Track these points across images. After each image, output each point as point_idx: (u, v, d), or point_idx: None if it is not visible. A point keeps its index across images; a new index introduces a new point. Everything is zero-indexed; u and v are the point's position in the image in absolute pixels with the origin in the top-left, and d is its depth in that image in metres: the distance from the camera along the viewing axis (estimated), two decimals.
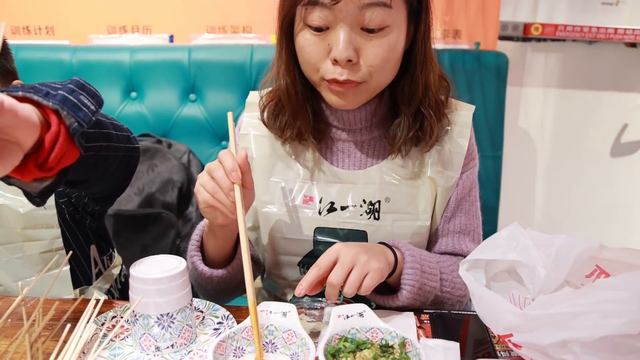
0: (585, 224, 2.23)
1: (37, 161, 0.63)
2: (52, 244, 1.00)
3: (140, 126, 1.71)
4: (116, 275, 1.19)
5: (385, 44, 0.84)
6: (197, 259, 0.94)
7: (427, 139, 0.94)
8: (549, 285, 0.74)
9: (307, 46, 0.87)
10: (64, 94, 0.66)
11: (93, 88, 0.72)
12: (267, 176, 1.00)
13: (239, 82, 1.70)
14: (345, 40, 0.82)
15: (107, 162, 0.86)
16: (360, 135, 0.99)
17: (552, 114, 2.13)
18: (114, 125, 0.88)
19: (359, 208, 0.96)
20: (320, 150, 0.99)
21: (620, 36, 1.93)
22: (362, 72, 0.85)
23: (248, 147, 1.01)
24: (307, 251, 0.99)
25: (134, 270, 0.75)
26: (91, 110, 0.69)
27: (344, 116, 0.97)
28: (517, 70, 2.05)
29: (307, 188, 0.98)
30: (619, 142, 2.14)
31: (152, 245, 1.54)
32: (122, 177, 1.01)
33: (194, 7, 1.91)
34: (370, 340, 0.74)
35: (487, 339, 0.80)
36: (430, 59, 0.92)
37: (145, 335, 0.75)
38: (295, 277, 1.02)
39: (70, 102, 0.66)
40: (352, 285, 0.79)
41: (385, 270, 0.83)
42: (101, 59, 1.72)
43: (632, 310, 0.59)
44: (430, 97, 0.93)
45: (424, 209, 0.97)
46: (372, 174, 0.97)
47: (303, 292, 0.80)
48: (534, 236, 0.79)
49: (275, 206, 0.99)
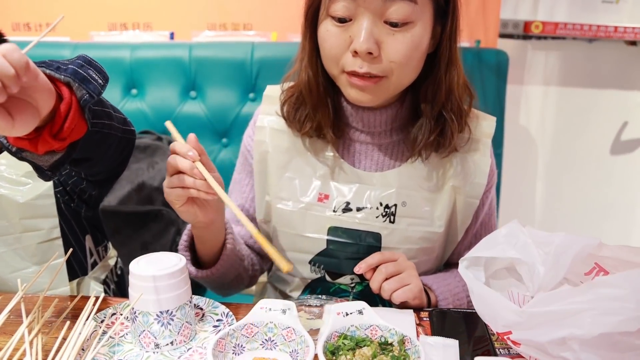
0: (585, 221, 2.24)
1: (52, 131, 0.68)
2: (49, 233, 1.01)
3: (140, 123, 1.71)
4: (112, 266, 1.19)
5: (409, 39, 0.84)
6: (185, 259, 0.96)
7: (447, 144, 0.94)
8: (548, 283, 0.74)
9: (329, 37, 0.86)
10: (74, 67, 0.70)
11: (99, 64, 0.76)
12: (282, 172, 0.99)
13: (239, 80, 1.70)
14: (367, 32, 0.82)
15: (108, 140, 0.89)
16: (379, 138, 0.98)
17: (552, 112, 2.13)
18: (112, 106, 0.90)
19: (375, 210, 0.96)
20: (338, 150, 0.99)
21: (620, 34, 1.93)
22: (383, 67, 0.85)
23: (264, 140, 1.00)
24: (319, 250, 0.98)
25: (134, 267, 0.75)
26: (99, 83, 0.72)
27: (364, 117, 0.96)
28: (517, 68, 2.05)
29: (323, 186, 0.97)
30: (619, 139, 2.14)
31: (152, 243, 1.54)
32: (120, 159, 1.04)
33: (195, 4, 1.91)
34: (369, 338, 0.74)
35: (486, 336, 0.80)
36: (455, 62, 0.91)
37: (145, 333, 0.75)
38: (305, 275, 1.01)
39: (80, 75, 0.70)
40: (390, 284, 0.87)
41: (418, 297, 0.89)
42: (102, 56, 1.72)
43: (631, 307, 0.59)
44: (453, 101, 0.92)
45: (439, 216, 0.97)
46: (390, 177, 0.97)
47: (362, 271, 0.89)
48: (533, 234, 0.79)
49: (289, 202, 0.98)
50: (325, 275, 1.00)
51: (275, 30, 1.92)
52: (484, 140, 0.98)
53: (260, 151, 1.01)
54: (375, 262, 0.89)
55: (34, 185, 0.96)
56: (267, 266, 1.11)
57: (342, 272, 0.98)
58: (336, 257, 0.97)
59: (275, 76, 1.69)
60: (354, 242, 0.96)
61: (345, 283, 1.00)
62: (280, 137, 1.00)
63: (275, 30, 1.92)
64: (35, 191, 0.96)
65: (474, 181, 0.97)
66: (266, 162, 1.00)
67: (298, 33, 0.94)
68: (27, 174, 0.96)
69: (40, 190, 0.96)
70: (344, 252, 0.96)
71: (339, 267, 0.97)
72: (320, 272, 1.00)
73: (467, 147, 0.97)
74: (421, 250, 0.98)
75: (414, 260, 0.97)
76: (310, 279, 1.02)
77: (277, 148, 1.00)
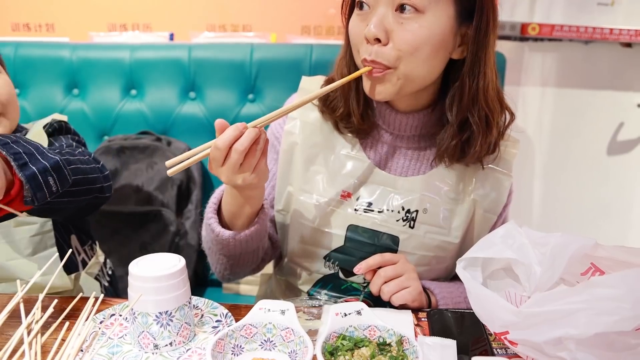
0: (582, 221, 2.25)
1: (4, 200, 0.77)
2: (42, 227, 1.02)
3: (140, 124, 1.71)
4: (101, 263, 1.21)
5: (417, 29, 0.83)
6: (214, 221, 0.93)
7: (472, 153, 0.93)
8: (545, 283, 0.75)
9: (353, 27, 0.89)
10: (34, 171, 0.77)
11: (67, 172, 0.85)
12: (308, 165, 1.00)
13: (238, 80, 1.70)
14: (377, 19, 0.83)
15: (71, 205, 0.96)
16: (407, 142, 0.99)
17: (549, 113, 2.14)
18: (90, 179, 0.97)
19: (396, 214, 0.96)
20: (365, 149, 1.00)
21: (615, 36, 1.94)
22: (389, 55, 0.85)
23: (294, 132, 1.01)
24: (336, 246, 0.99)
25: (133, 268, 0.75)
26: (52, 192, 0.81)
27: (393, 119, 0.97)
28: (514, 69, 2.06)
29: (348, 184, 0.98)
30: (616, 140, 2.15)
31: (151, 243, 1.54)
32: (87, 213, 1.12)
33: (194, 5, 1.91)
34: (368, 338, 0.74)
35: (483, 336, 0.81)
36: (485, 68, 0.88)
37: (144, 333, 0.76)
38: (318, 269, 1.02)
39: (36, 182, 0.77)
40: (390, 287, 0.88)
41: (417, 299, 0.90)
42: (101, 56, 1.72)
43: (626, 307, 0.60)
44: (480, 109, 0.90)
45: (457, 227, 0.98)
46: (415, 182, 0.97)
47: (362, 271, 0.90)
48: (529, 234, 0.79)
49: (313, 195, 0.99)
50: (339, 272, 1.01)
51: (275, 31, 1.92)
52: (508, 158, 0.99)
53: (289, 142, 1.01)
54: (376, 263, 0.90)
55: None
56: (276, 254, 1.11)
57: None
58: (352, 255, 0.98)
59: (275, 77, 1.71)
60: (371, 243, 0.97)
61: (357, 282, 1.00)
62: (311, 130, 1.01)
63: (275, 31, 1.92)
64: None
65: (494, 197, 0.98)
66: (293, 152, 1.01)
67: (297, 34, 0.96)
68: None
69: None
70: (361, 251, 0.97)
71: (353, 266, 0.97)
72: (334, 269, 1.00)
73: (495, 164, 0.98)
74: (435, 258, 0.98)
75: (427, 267, 0.98)
76: (323, 274, 1.02)
77: (306, 140, 1.00)
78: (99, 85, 1.72)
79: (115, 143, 1.59)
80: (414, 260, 0.96)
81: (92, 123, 1.73)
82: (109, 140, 1.64)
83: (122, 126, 1.72)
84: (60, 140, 1.07)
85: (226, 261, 0.99)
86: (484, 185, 0.98)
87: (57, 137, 1.08)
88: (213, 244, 0.96)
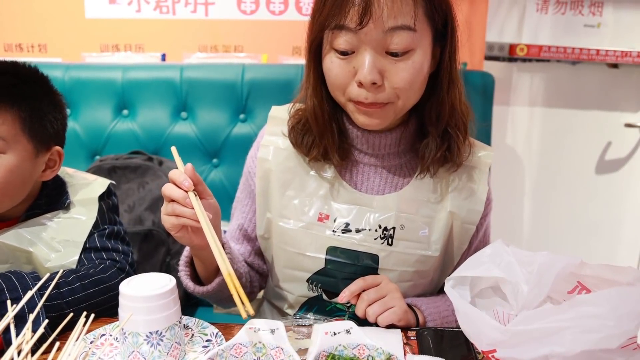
0: (571, 239, 2.26)
1: None
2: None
3: (131, 143, 1.72)
4: None
5: (410, 66, 0.86)
6: (184, 274, 0.99)
7: (454, 159, 0.97)
8: (532, 301, 0.76)
9: (334, 68, 0.89)
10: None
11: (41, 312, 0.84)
12: (284, 190, 1.00)
13: (230, 101, 1.72)
14: (370, 64, 0.84)
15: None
16: (386, 160, 1.00)
17: (538, 132, 2.17)
18: (93, 304, 0.94)
19: (374, 232, 0.97)
20: (340, 171, 1.00)
21: (602, 57, 1.98)
22: (387, 94, 0.87)
23: (267, 158, 1.02)
24: (318, 268, 0.99)
25: (124, 287, 0.76)
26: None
27: (370, 140, 0.98)
28: (503, 89, 2.09)
29: (324, 206, 0.99)
30: (604, 159, 2.18)
31: (142, 263, 1.54)
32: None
33: (187, 26, 1.93)
34: (357, 357, 0.75)
35: (472, 354, 0.81)
36: (457, 80, 0.94)
37: (135, 353, 0.76)
38: (302, 293, 1.02)
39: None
40: (374, 309, 0.89)
41: (403, 318, 0.90)
42: (93, 76, 1.74)
43: (610, 325, 0.61)
44: (456, 117, 0.95)
45: (436, 240, 0.99)
46: (390, 200, 0.98)
47: (346, 299, 0.91)
48: (516, 253, 0.80)
49: (290, 221, 1.00)
50: (323, 294, 1.01)
51: (266, 52, 1.95)
52: (482, 168, 1.01)
53: (264, 168, 1.02)
54: (358, 288, 0.91)
55: (65, 253, 1.00)
56: (265, 283, 1.12)
57: (339, 292, 0.98)
58: (334, 277, 0.98)
59: (266, 97, 1.72)
60: (351, 263, 0.97)
61: (341, 302, 1.01)
62: (284, 156, 1.02)
63: (266, 52, 1.95)
64: (62, 260, 0.99)
65: (471, 207, 0.99)
66: (269, 180, 1.02)
67: (288, 55, 0.97)
68: (63, 242, 1.00)
69: (66, 262, 0.99)
70: (342, 272, 0.98)
71: (336, 287, 0.98)
72: (317, 291, 1.01)
73: (467, 175, 1.00)
74: (417, 273, 0.99)
75: (410, 282, 0.99)
76: (308, 297, 1.02)
77: (280, 166, 1.01)
78: (91, 105, 1.73)
79: (107, 163, 1.60)
80: (395, 277, 0.97)
81: (84, 143, 1.73)
82: (100, 160, 1.64)
83: (113, 146, 1.73)
84: (104, 230, 1.06)
85: (213, 301, 1.04)
86: (460, 197, 0.99)
87: (104, 216, 1.08)
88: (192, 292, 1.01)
